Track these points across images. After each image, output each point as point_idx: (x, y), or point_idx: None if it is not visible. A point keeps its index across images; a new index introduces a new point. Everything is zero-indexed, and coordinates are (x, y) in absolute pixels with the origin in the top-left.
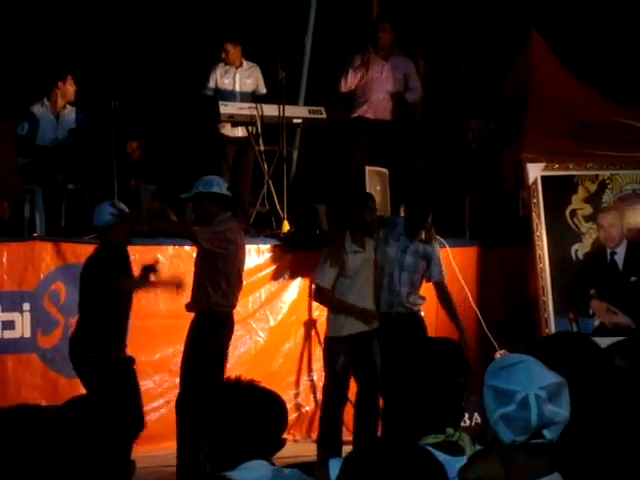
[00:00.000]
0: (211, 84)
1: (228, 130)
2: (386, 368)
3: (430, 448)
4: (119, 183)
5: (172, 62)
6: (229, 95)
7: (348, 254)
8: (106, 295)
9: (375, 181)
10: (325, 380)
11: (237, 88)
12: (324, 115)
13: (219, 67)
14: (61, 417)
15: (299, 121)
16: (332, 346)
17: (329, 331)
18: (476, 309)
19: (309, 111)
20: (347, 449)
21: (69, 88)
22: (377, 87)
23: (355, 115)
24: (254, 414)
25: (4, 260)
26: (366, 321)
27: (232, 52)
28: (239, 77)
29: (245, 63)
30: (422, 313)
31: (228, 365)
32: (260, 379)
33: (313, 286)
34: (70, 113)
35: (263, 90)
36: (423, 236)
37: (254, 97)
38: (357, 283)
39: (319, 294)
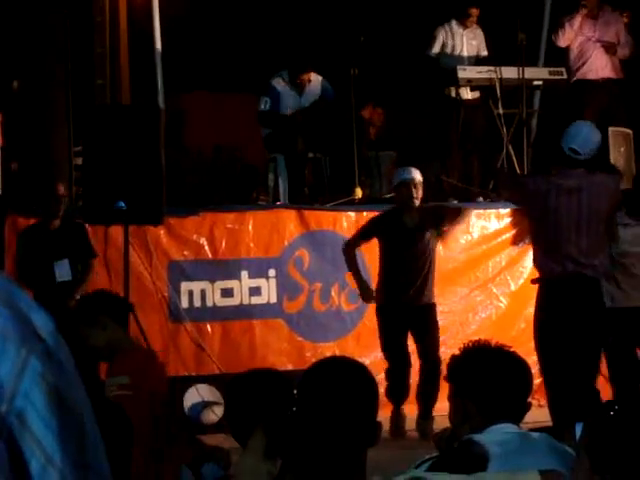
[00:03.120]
0: (436, 45)
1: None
2: None
3: None
4: (358, 150)
5: (409, 27)
6: (454, 57)
7: (618, 225)
8: None
9: (619, 142)
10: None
11: (464, 50)
12: (565, 76)
13: (445, 28)
14: (312, 379)
15: (539, 83)
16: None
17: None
18: None
19: (549, 72)
20: None
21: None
22: (592, 47)
23: (575, 78)
24: (503, 376)
25: (250, 228)
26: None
27: (474, 15)
28: (466, 39)
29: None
30: None
31: (469, 330)
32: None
33: None
34: (316, 85)
35: (484, 52)
36: None
37: (476, 60)
38: (629, 256)
39: None
